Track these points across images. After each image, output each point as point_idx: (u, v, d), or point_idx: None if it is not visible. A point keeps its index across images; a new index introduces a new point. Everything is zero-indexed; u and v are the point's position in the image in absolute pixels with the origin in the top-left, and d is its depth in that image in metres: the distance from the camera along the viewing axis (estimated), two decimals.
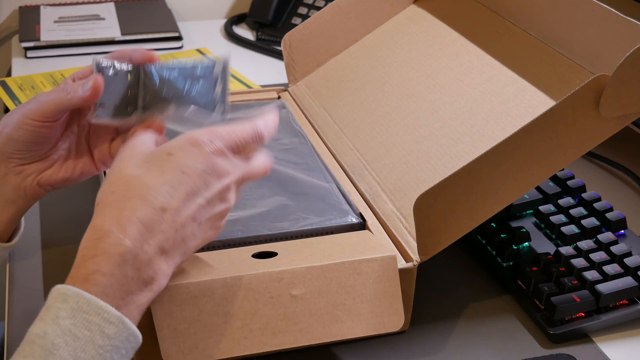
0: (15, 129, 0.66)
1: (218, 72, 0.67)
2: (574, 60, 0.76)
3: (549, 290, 0.72)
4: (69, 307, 0.50)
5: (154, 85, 0.67)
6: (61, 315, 0.50)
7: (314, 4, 1.36)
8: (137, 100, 0.68)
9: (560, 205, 0.84)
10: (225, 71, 0.68)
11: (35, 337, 0.49)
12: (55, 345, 0.49)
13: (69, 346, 0.49)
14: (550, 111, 0.64)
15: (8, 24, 1.38)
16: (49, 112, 0.66)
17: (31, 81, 1.15)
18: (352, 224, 0.72)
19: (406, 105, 0.84)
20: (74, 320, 0.50)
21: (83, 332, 0.50)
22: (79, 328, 0.50)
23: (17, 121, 0.66)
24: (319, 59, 0.98)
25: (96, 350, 0.50)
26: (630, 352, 0.71)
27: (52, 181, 0.70)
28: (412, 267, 0.66)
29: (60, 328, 0.49)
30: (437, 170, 0.74)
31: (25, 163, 0.68)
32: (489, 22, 0.88)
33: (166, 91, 0.67)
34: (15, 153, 0.67)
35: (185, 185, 0.55)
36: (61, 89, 0.66)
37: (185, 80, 0.67)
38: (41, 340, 0.49)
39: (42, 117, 0.66)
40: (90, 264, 0.52)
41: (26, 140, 0.67)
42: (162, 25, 1.31)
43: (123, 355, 0.52)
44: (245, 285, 0.61)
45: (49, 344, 0.49)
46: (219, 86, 0.67)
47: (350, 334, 0.63)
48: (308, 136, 0.86)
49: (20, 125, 0.66)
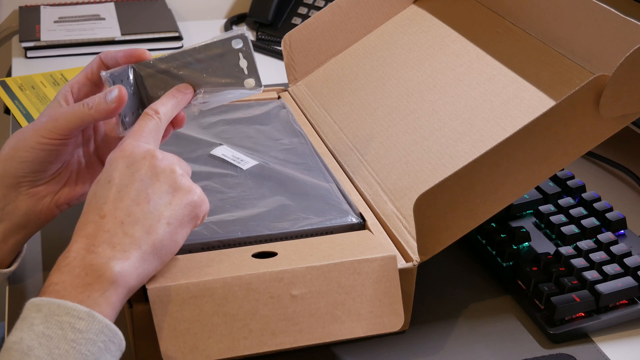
0: (27, 150, 0.65)
1: (238, 45, 0.67)
2: (574, 60, 0.76)
3: (549, 290, 0.72)
4: (42, 315, 0.53)
5: (154, 80, 0.67)
6: (35, 323, 0.52)
7: (314, 4, 1.35)
8: (144, 101, 0.68)
9: (560, 205, 0.84)
10: (246, 43, 0.68)
11: (12, 344, 0.51)
12: (30, 347, 0.51)
13: (43, 346, 0.51)
14: (550, 111, 0.64)
15: (8, 24, 1.38)
16: (70, 129, 0.65)
17: (31, 81, 1.15)
18: (352, 224, 0.72)
19: (406, 105, 0.84)
20: (48, 324, 0.52)
21: (56, 332, 0.52)
22: (52, 329, 0.52)
23: (30, 141, 0.65)
24: (319, 59, 0.98)
25: (69, 344, 0.51)
26: (630, 352, 0.71)
27: (69, 199, 0.70)
28: (412, 267, 0.66)
29: (35, 333, 0.52)
30: (437, 170, 0.74)
31: (38, 185, 0.67)
32: (489, 22, 0.88)
33: (171, 80, 0.67)
34: (27, 176, 0.66)
35: (112, 187, 0.59)
36: (79, 104, 0.65)
37: (197, 63, 0.67)
38: (17, 345, 0.51)
39: (61, 134, 0.65)
40: (46, 282, 0.56)
41: (41, 160, 0.66)
42: (162, 25, 1.31)
43: (102, 349, 0.53)
44: (245, 285, 0.61)
45: (25, 347, 0.51)
46: (242, 60, 0.68)
47: (350, 334, 0.63)
48: (308, 136, 0.86)
49: (35, 145, 0.65)
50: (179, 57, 0.68)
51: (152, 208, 0.59)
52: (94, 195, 0.59)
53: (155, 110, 0.64)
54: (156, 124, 0.63)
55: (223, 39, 0.67)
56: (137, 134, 0.62)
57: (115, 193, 0.59)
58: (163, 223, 0.59)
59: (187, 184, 0.61)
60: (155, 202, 0.59)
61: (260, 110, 0.91)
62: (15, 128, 1.04)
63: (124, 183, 0.59)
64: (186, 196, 0.60)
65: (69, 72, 1.18)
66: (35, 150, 0.65)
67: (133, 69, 0.68)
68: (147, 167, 0.60)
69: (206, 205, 0.62)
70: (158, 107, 0.64)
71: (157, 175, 0.60)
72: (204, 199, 0.62)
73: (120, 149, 0.61)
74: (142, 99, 0.68)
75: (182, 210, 0.60)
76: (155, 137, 0.63)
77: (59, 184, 0.69)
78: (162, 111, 0.64)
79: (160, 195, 0.59)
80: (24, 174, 0.66)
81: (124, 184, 0.59)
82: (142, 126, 0.63)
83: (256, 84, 0.68)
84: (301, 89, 0.96)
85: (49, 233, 0.82)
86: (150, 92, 0.68)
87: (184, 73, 0.67)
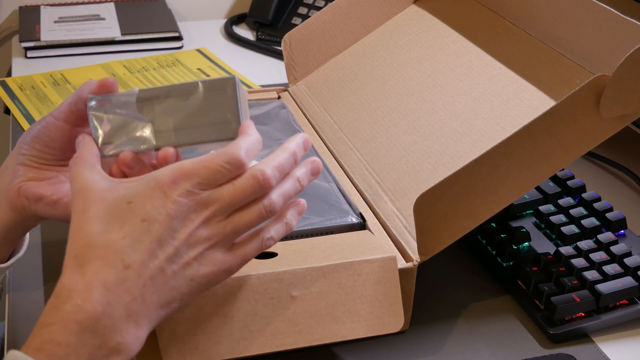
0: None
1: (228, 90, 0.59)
2: (574, 60, 0.76)
3: (549, 290, 0.72)
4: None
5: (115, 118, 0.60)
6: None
7: (314, 4, 1.35)
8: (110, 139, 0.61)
9: (560, 205, 0.84)
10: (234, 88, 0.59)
11: None
12: None
13: None
14: (551, 111, 0.64)
15: (8, 24, 1.38)
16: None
17: (31, 81, 1.15)
18: (352, 224, 0.72)
19: (406, 105, 0.84)
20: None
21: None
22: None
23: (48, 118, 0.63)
24: (319, 59, 0.98)
25: None
26: (630, 352, 0.71)
27: (34, 193, 0.64)
28: (412, 267, 0.66)
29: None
30: (437, 170, 0.74)
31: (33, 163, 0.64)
32: (489, 22, 0.88)
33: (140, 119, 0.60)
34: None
35: (148, 235, 0.51)
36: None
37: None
38: None
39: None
40: (46, 332, 0.49)
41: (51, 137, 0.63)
42: (162, 25, 1.31)
43: None
44: (245, 286, 0.61)
45: None
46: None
47: (350, 335, 0.63)
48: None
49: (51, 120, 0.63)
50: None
51: (178, 280, 0.52)
52: (121, 222, 0.51)
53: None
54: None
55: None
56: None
57: (148, 245, 0.51)
58: (186, 294, 0.53)
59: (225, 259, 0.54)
60: (182, 274, 0.52)
61: (260, 110, 0.91)
62: (15, 128, 1.04)
63: (160, 238, 0.51)
64: (220, 258, 0.54)
65: (69, 72, 1.18)
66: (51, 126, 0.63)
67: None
68: (189, 234, 0.52)
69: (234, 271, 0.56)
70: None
71: (196, 242, 0.53)
72: (232, 272, 0.56)
73: (176, 189, 0.52)
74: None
75: (208, 272, 0.54)
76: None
77: (40, 174, 0.65)
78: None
79: (195, 266, 0.53)
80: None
81: (159, 240, 0.51)
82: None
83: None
84: (301, 89, 0.96)
85: (49, 233, 0.82)
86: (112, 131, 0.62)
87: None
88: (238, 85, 0.58)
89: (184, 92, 0.59)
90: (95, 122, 0.60)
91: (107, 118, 0.60)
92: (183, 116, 0.59)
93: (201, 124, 0.58)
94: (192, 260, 0.53)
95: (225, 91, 0.58)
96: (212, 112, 0.58)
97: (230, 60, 1.25)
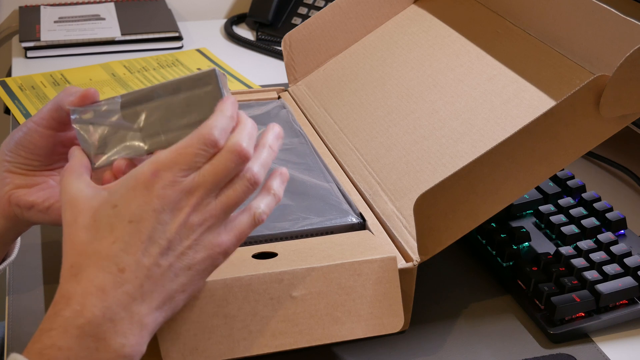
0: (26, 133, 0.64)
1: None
2: (574, 60, 0.76)
3: (549, 290, 0.72)
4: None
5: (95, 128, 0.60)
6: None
7: (314, 4, 1.35)
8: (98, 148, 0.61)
9: (560, 205, 0.84)
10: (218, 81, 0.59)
11: None
12: None
13: None
14: (551, 111, 0.64)
15: (8, 24, 1.38)
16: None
17: (31, 81, 1.15)
18: (352, 224, 0.72)
19: (406, 105, 0.84)
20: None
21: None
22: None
23: (33, 124, 0.64)
24: (319, 59, 0.98)
25: None
26: (630, 352, 0.71)
27: (25, 202, 0.65)
28: (412, 267, 0.66)
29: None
30: (437, 170, 0.74)
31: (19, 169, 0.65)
32: (489, 22, 0.88)
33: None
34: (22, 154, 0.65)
35: (138, 234, 0.51)
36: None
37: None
38: None
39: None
40: (46, 337, 0.49)
41: (36, 144, 0.64)
42: (162, 25, 1.31)
43: None
44: (245, 286, 0.61)
45: None
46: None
47: (350, 335, 0.63)
48: (308, 136, 0.86)
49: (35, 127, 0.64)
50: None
51: (177, 270, 0.53)
52: (110, 228, 0.52)
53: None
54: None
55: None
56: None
57: (139, 244, 0.51)
58: (187, 283, 0.54)
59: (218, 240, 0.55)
60: (180, 264, 0.53)
61: (260, 110, 0.91)
62: (15, 128, 1.04)
63: (151, 234, 0.52)
64: (216, 240, 0.55)
65: (69, 72, 1.18)
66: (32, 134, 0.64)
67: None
68: (181, 223, 0.53)
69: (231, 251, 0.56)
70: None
71: (189, 229, 0.53)
72: (229, 252, 0.56)
73: (157, 182, 0.52)
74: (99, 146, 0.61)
75: (206, 258, 0.54)
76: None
77: (29, 180, 0.65)
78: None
79: (193, 253, 0.54)
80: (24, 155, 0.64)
81: (150, 236, 0.52)
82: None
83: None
84: (301, 89, 0.96)
85: (49, 234, 0.82)
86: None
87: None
88: (219, 76, 0.59)
89: (167, 92, 0.59)
90: (83, 134, 0.60)
91: (95, 129, 0.60)
92: (170, 116, 0.59)
93: (189, 122, 0.58)
94: (186, 250, 0.53)
95: (208, 85, 0.58)
96: (198, 108, 0.58)
97: (230, 60, 1.25)
